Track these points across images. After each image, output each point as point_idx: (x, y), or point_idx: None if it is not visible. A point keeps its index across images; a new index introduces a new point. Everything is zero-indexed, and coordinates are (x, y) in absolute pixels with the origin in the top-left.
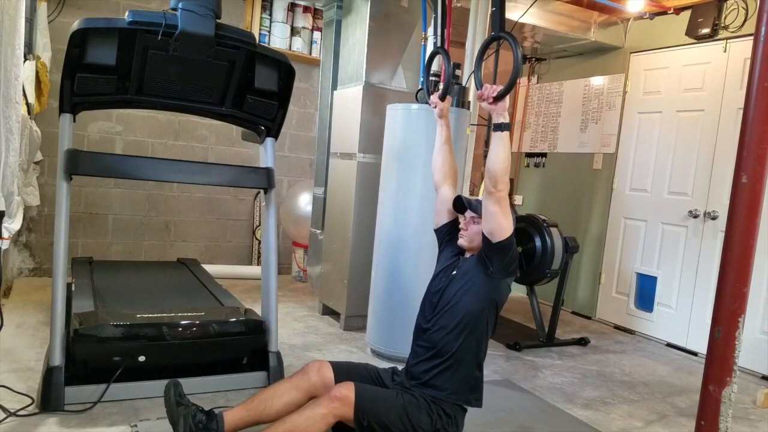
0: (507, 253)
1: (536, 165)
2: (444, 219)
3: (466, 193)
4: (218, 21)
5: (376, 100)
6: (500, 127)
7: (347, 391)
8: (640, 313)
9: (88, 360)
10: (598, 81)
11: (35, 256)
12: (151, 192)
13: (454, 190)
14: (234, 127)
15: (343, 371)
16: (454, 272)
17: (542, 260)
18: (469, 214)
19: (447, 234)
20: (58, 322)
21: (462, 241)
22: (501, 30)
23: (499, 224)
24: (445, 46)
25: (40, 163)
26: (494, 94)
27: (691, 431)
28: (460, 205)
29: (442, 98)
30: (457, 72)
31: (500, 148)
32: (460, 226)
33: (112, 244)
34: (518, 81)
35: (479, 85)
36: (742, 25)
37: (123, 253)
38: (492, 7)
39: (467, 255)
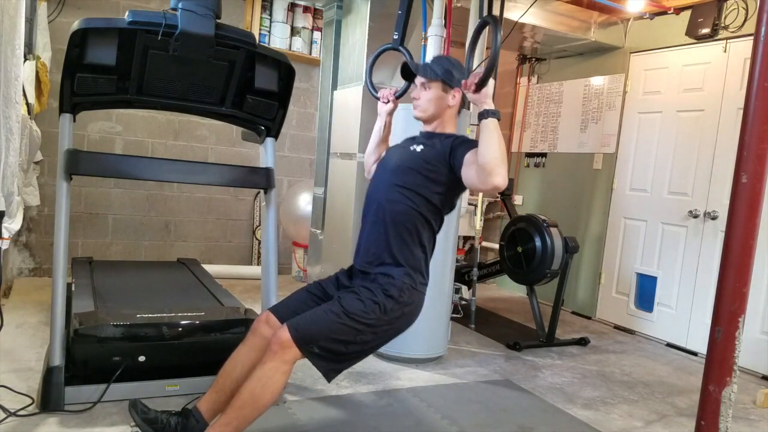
0: (462, 186)
1: (536, 165)
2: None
3: (466, 194)
4: (218, 21)
5: (376, 100)
6: (485, 114)
7: (282, 333)
8: (640, 313)
9: (88, 360)
10: (598, 81)
11: (35, 256)
12: (151, 192)
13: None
14: (234, 127)
15: (287, 311)
16: (412, 148)
17: (542, 260)
18: (419, 80)
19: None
20: (58, 322)
21: (416, 112)
22: (489, 14)
23: (469, 186)
24: (445, 47)
25: (40, 163)
26: (476, 81)
27: (691, 431)
28: (407, 72)
29: (398, 97)
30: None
31: (486, 136)
32: (412, 95)
33: (112, 244)
34: (515, 81)
35: (468, 74)
36: (742, 25)
37: (123, 253)
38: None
39: (424, 128)
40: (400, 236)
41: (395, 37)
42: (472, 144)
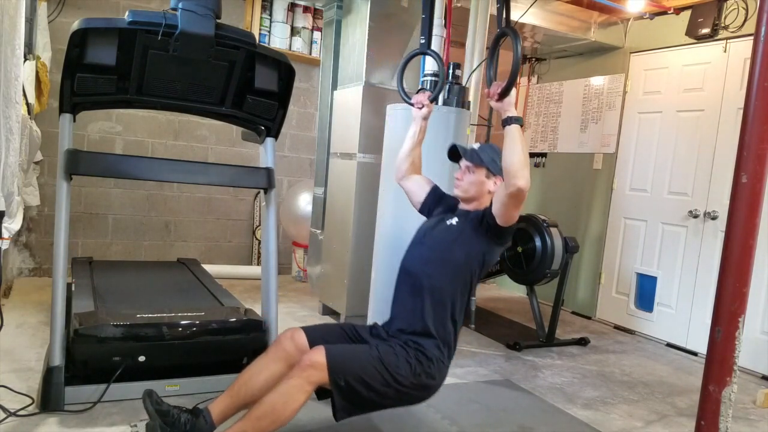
0: (507, 232)
1: (536, 165)
2: (423, 194)
3: None
4: (218, 21)
5: (376, 100)
6: (508, 121)
7: (317, 355)
8: (640, 313)
9: (88, 360)
10: (598, 81)
11: (35, 256)
12: (151, 192)
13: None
14: (234, 127)
15: (316, 335)
16: (448, 222)
17: (542, 260)
18: (464, 163)
19: (434, 204)
20: (58, 322)
21: (457, 191)
22: (507, 25)
23: (510, 216)
24: (445, 47)
25: (40, 163)
26: (499, 91)
27: (691, 431)
28: (454, 153)
29: (432, 100)
30: (457, 72)
31: (510, 142)
32: (455, 175)
33: (112, 244)
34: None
35: (490, 83)
36: (742, 25)
37: (123, 253)
38: (497, 4)
39: (463, 207)
40: (434, 309)
41: (422, 41)
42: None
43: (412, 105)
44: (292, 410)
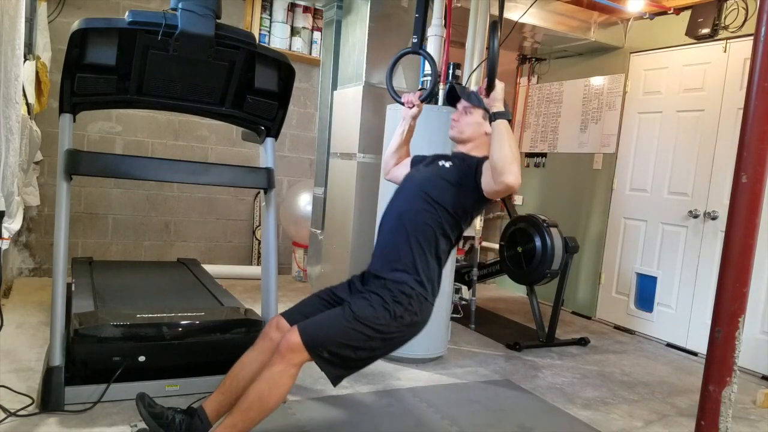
0: (487, 199)
1: (536, 165)
2: (406, 168)
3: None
4: (218, 21)
5: (376, 100)
6: (495, 116)
7: (292, 336)
8: (640, 313)
9: (88, 360)
10: (598, 81)
11: (35, 256)
12: (151, 192)
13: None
14: (234, 127)
15: (295, 315)
16: (441, 163)
17: (542, 260)
18: (461, 104)
19: (419, 163)
20: (58, 322)
21: (452, 132)
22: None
23: (489, 195)
24: (444, 47)
25: (40, 163)
26: (485, 87)
27: (691, 431)
28: (453, 96)
29: (423, 100)
30: (457, 72)
31: (496, 137)
32: (452, 117)
33: (112, 244)
34: (515, 80)
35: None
36: (742, 25)
37: (123, 253)
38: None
39: (457, 149)
40: (419, 245)
41: (414, 40)
42: None
43: (402, 104)
44: (278, 396)
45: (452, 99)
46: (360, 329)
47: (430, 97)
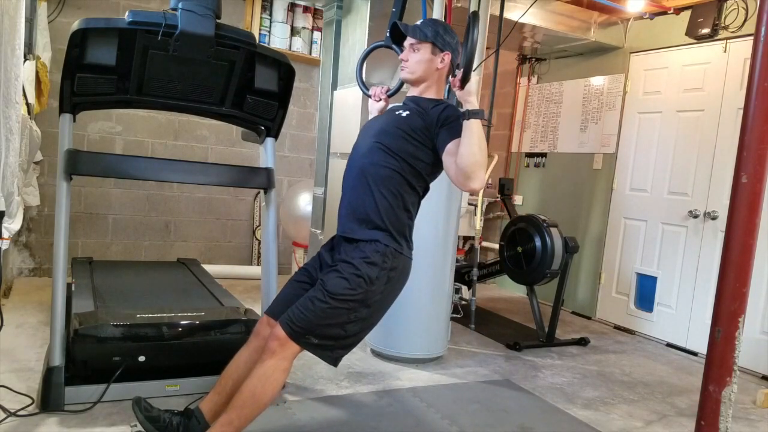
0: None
1: (536, 165)
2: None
3: (466, 194)
4: (218, 21)
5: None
6: (467, 115)
7: (276, 330)
8: (640, 313)
9: (88, 360)
10: (598, 81)
11: (35, 256)
12: (151, 192)
13: None
14: (234, 127)
15: (278, 308)
16: (397, 112)
17: (542, 260)
18: (407, 41)
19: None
20: (58, 322)
21: (404, 74)
22: (474, 11)
23: (454, 182)
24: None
25: (40, 163)
26: (460, 77)
27: (691, 431)
28: (397, 33)
29: (390, 95)
30: (457, 72)
31: (467, 138)
32: (400, 57)
33: (112, 244)
34: (515, 81)
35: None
36: (742, 25)
37: (123, 253)
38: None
39: (411, 92)
40: (384, 198)
41: (387, 34)
42: (457, 130)
43: (369, 96)
44: (272, 391)
45: (397, 38)
46: (340, 305)
47: (396, 93)
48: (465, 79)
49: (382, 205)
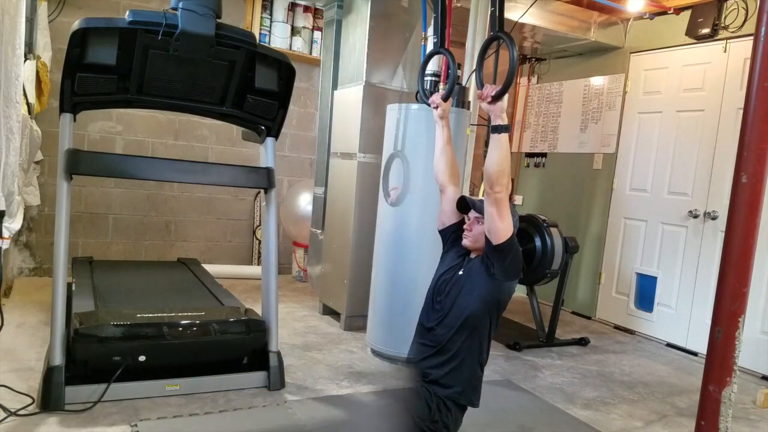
0: (507, 256)
1: (536, 165)
2: (450, 220)
3: (466, 193)
4: (218, 21)
5: (376, 100)
6: (497, 129)
7: None
8: (640, 313)
9: (88, 360)
10: (598, 81)
11: (35, 255)
12: (151, 192)
13: (459, 189)
14: (234, 127)
15: None
16: (460, 272)
17: (542, 260)
18: (473, 214)
19: (453, 234)
20: (59, 321)
21: (466, 242)
22: (500, 30)
23: (495, 226)
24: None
25: (41, 163)
26: (493, 93)
27: (691, 431)
28: (464, 205)
29: (445, 99)
30: (458, 72)
31: (496, 149)
32: (464, 226)
33: (113, 243)
34: (515, 81)
35: (480, 85)
36: (742, 25)
37: (123, 253)
38: (491, 7)
39: (473, 256)
40: (472, 354)
41: (434, 40)
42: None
43: (434, 107)
44: None
45: (462, 208)
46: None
47: (449, 95)
48: (500, 96)
49: (468, 361)
